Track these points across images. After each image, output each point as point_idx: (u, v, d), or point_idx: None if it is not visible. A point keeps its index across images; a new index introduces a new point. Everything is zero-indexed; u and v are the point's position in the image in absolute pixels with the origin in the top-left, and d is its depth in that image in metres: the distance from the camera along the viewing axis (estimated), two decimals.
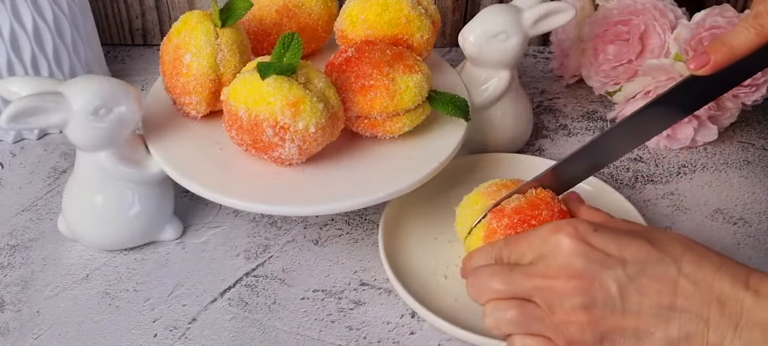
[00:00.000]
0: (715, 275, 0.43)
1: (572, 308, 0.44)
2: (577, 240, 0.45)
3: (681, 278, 0.43)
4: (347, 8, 0.64)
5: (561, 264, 0.44)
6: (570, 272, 0.44)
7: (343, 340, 0.54)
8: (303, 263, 0.61)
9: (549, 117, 0.79)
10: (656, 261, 0.43)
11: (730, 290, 0.42)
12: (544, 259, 0.45)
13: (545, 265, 0.45)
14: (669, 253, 0.44)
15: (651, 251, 0.44)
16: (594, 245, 0.45)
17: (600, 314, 0.43)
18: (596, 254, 0.44)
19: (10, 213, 0.65)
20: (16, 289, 0.58)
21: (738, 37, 0.50)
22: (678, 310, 0.43)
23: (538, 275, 0.45)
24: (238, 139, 0.55)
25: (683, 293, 0.43)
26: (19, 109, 0.51)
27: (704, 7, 0.74)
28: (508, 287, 0.46)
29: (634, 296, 0.43)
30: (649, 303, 0.43)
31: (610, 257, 0.44)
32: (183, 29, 0.58)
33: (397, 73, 0.57)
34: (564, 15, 0.64)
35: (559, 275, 0.44)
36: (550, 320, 0.45)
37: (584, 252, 0.44)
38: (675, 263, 0.43)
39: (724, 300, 0.42)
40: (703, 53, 0.51)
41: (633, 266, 0.44)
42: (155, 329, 0.55)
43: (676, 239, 0.45)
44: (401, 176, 0.56)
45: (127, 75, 0.85)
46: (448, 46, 0.91)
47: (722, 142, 0.75)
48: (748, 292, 0.42)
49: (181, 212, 0.64)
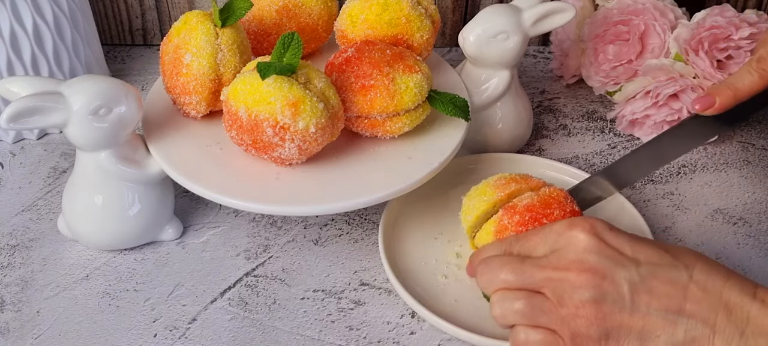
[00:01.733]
0: (725, 284, 0.43)
1: (581, 302, 0.44)
2: (593, 236, 0.45)
3: (691, 284, 0.43)
4: (347, 8, 0.64)
5: (574, 258, 0.45)
6: (583, 265, 0.44)
7: (343, 340, 0.54)
8: (303, 263, 0.61)
9: (549, 117, 0.79)
10: (668, 265, 0.44)
11: (737, 298, 0.43)
12: (558, 252, 0.46)
13: (558, 257, 0.46)
14: (681, 259, 0.45)
15: (664, 255, 0.45)
16: (609, 242, 0.45)
17: (608, 310, 0.44)
18: (610, 252, 0.45)
19: (10, 213, 0.65)
20: (16, 289, 0.58)
21: (742, 80, 0.54)
22: (686, 314, 0.43)
23: (550, 267, 0.45)
24: (238, 139, 0.55)
25: (693, 298, 0.43)
26: (19, 109, 0.51)
27: (704, 7, 0.74)
28: (518, 278, 0.46)
29: (644, 296, 0.44)
30: (657, 305, 0.43)
31: (624, 256, 0.45)
32: (183, 29, 0.58)
33: (397, 73, 0.57)
34: (564, 15, 0.64)
35: (572, 268, 0.45)
36: (557, 313, 0.45)
37: (599, 249, 0.45)
38: (687, 269, 0.44)
39: (731, 308, 0.43)
40: (708, 95, 0.54)
41: (646, 267, 0.44)
42: (155, 329, 0.55)
43: (688, 250, 0.46)
44: (401, 176, 0.56)
45: (127, 75, 0.85)
46: (448, 46, 0.91)
47: (722, 142, 0.75)
48: (755, 301, 0.42)
49: (181, 212, 0.64)
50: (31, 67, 0.70)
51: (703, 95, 0.55)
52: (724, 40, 0.70)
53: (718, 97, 0.54)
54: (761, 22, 0.71)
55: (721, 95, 0.54)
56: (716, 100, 0.54)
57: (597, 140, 0.75)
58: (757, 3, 0.86)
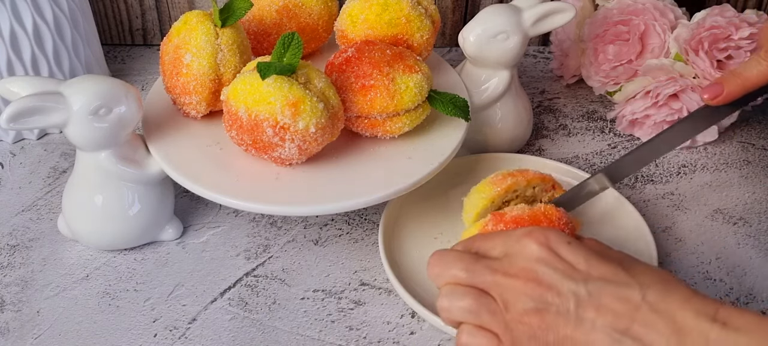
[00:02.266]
0: (681, 306, 0.41)
1: (525, 310, 0.43)
2: (545, 248, 0.44)
3: (643, 305, 0.42)
4: (347, 8, 0.64)
5: (524, 265, 0.44)
6: (530, 275, 0.44)
7: (343, 340, 0.54)
8: (303, 263, 0.61)
9: (549, 117, 0.79)
10: (622, 284, 0.43)
11: (693, 322, 0.40)
12: (510, 257, 0.45)
13: (509, 263, 0.45)
14: (638, 279, 0.43)
15: (620, 273, 0.43)
16: (562, 255, 0.44)
17: (552, 321, 0.43)
18: (561, 265, 0.44)
19: (10, 213, 0.65)
20: (16, 289, 0.58)
21: (751, 69, 0.54)
22: (631, 335, 0.41)
23: (501, 271, 0.45)
24: (238, 139, 0.55)
25: (642, 319, 0.41)
26: (19, 109, 0.51)
27: (704, 7, 0.74)
28: (468, 275, 0.46)
29: (590, 311, 0.42)
30: (603, 322, 0.42)
31: (576, 271, 0.44)
32: (183, 29, 0.58)
33: (397, 73, 0.57)
34: (564, 15, 0.64)
35: (520, 275, 0.44)
36: (502, 317, 0.44)
37: (549, 261, 0.44)
38: (641, 289, 0.42)
39: (686, 332, 0.40)
40: (717, 84, 0.55)
41: (596, 283, 0.43)
42: (155, 329, 0.55)
43: (653, 271, 0.44)
44: (401, 176, 0.56)
45: (127, 75, 0.85)
46: (448, 46, 0.91)
47: (722, 142, 0.75)
48: (715, 324, 0.40)
49: (181, 212, 0.64)
50: (31, 67, 0.70)
51: (711, 84, 0.55)
52: (724, 40, 0.70)
53: (726, 86, 0.54)
54: (761, 22, 0.71)
55: (730, 84, 0.54)
56: (724, 90, 0.54)
57: (597, 140, 0.75)
58: (757, 3, 0.86)
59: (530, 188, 0.58)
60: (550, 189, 0.58)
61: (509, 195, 0.57)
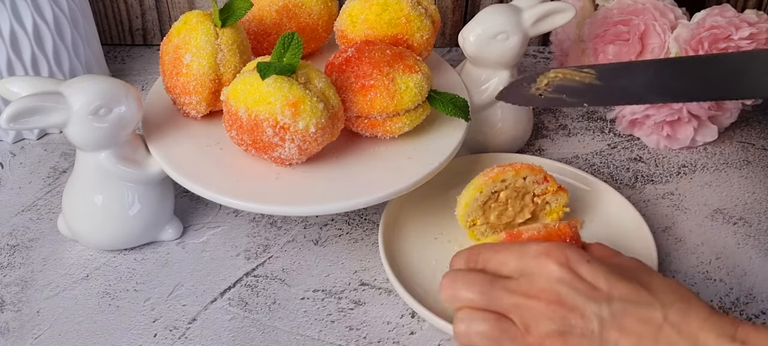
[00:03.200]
0: (701, 326, 0.41)
1: (547, 333, 0.43)
2: (566, 269, 0.43)
3: (666, 325, 0.41)
4: (347, 8, 0.64)
5: (544, 286, 0.43)
6: (551, 296, 0.43)
7: (343, 340, 0.54)
8: (303, 263, 0.61)
9: (549, 117, 0.79)
10: (644, 304, 0.42)
11: (714, 341, 0.41)
12: (528, 277, 0.44)
13: (528, 283, 0.44)
14: (659, 298, 0.43)
15: (641, 293, 0.43)
16: (583, 275, 0.43)
17: (575, 343, 0.42)
18: (583, 285, 0.43)
19: (10, 213, 0.65)
20: (16, 289, 0.58)
21: None
22: None
23: (520, 292, 0.44)
24: (238, 139, 0.55)
25: (665, 340, 0.41)
26: (19, 109, 0.51)
27: (704, 7, 0.74)
28: (485, 299, 0.45)
29: (614, 333, 0.42)
30: (626, 343, 0.42)
31: (597, 291, 0.43)
32: (183, 29, 0.58)
33: (397, 73, 0.57)
34: (564, 15, 0.64)
35: (541, 297, 0.43)
36: (524, 341, 0.43)
37: (570, 281, 0.43)
38: (662, 309, 0.42)
39: None
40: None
41: (619, 303, 0.42)
42: (155, 329, 0.55)
43: (671, 286, 0.44)
44: (401, 176, 0.56)
45: (127, 75, 0.85)
46: (448, 46, 0.91)
47: (722, 142, 0.75)
48: (735, 343, 0.40)
49: (181, 212, 0.64)
50: (31, 67, 0.70)
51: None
52: (724, 40, 0.70)
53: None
54: (761, 22, 0.71)
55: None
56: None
57: (597, 140, 0.75)
58: (757, 3, 0.86)
59: (520, 179, 0.58)
60: (542, 181, 0.58)
61: (497, 185, 0.57)
